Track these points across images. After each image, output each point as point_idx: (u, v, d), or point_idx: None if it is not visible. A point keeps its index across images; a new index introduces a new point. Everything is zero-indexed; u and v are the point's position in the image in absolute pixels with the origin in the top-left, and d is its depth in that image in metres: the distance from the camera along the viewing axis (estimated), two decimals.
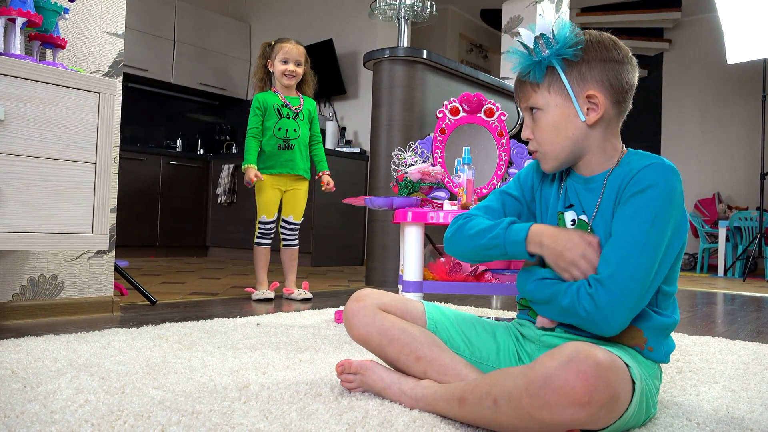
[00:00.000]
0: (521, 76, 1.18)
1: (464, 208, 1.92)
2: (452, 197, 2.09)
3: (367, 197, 1.99)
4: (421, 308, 1.25)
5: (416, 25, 4.23)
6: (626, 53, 1.16)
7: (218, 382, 1.30)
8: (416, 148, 2.13)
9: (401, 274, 1.93)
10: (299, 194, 3.04)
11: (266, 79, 3.02)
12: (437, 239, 3.03)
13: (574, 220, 1.18)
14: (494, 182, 2.14)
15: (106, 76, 2.30)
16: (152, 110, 6.65)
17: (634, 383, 0.97)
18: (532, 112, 1.18)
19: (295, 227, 3.06)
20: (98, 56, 2.29)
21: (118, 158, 2.33)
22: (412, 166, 2.07)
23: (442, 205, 2.02)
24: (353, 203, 2.16)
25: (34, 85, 1.70)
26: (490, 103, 2.15)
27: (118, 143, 2.33)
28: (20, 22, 1.77)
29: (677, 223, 1.09)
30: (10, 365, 1.39)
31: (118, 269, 2.57)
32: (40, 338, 1.70)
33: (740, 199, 7.24)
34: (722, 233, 6.11)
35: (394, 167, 2.12)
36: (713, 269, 6.59)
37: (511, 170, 2.12)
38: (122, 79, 2.37)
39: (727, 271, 6.03)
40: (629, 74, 1.16)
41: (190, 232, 6.17)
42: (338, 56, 6.06)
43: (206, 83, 6.63)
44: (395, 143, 3.77)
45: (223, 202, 6.02)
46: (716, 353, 1.85)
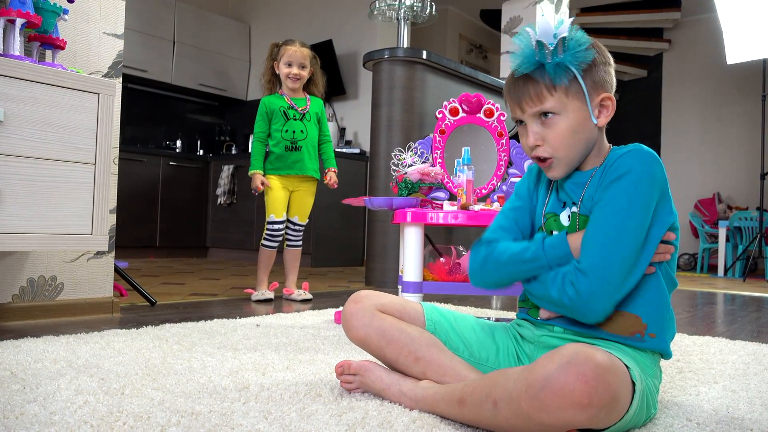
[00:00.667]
0: (538, 77, 1.11)
1: (464, 208, 1.92)
2: (452, 197, 2.09)
3: (366, 198, 1.99)
4: (419, 309, 1.25)
5: (416, 25, 4.23)
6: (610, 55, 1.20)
7: (218, 383, 1.30)
8: (416, 148, 2.13)
9: (401, 274, 1.93)
10: (306, 195, 3.05)
11: (274, 80, 3.02)
12: (437, 239, 3.03)
13: (569, 215, 1.18)
14: (494, 182, 2.14)
15: (105, 76, 2.30)
16: (152, 111, 6.65)
17: (634, 384, 0.97)
18: (542, 117, 1.12)
19: (299, 228, 3.07)
20: (97, 57, 2.29)
21: (117, 159, 2.33)
22: (411, 166, 2.07)
23: (441, 205, 2.02)
24: (353, 204, 2.16)
25: (33, 86, 1.69)
26: (489, 103, 2.15)
27: (117, 144, 2.33)
28: (19, 23, 1.77)
29: (660, 206, 1.10)
30: (9, 366, 1.39)
31: (117, 270, 2.57)
32: (39, 339, 1.70)
33: (740, 199, 7.24)
34: (722, 233, 6.11)
35: (393, 168, 2.12)
36: (713, 269, 6.59)
37: (510, 170, 2.12)
38: (121, 79, 2.37)
39: (727, 271, 6.03)
40: (614, 76, 1.19)
41: (189, 232, 6.17)
42: (338, 57, 6.06)
43: (206, 84, 6.63)
44: (395, 144, 3.77)
45: (222, 202, 6.02)
46: (716, 353, 1.85)
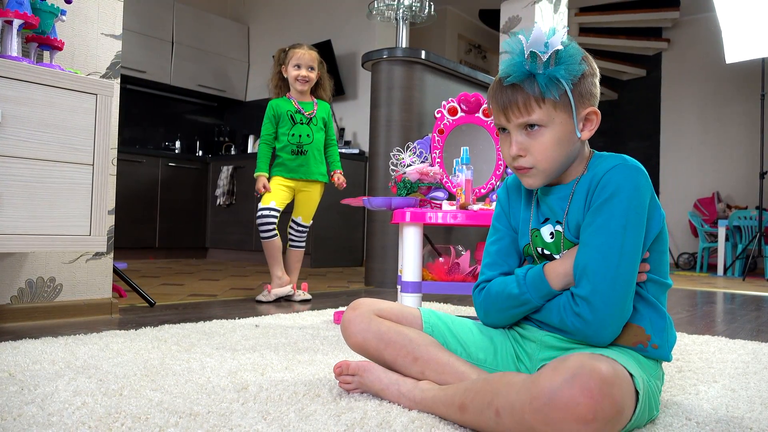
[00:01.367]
0: (527, 88, 1.08)
1: (463, 208, 1.91)
2: (451, 197, 2.09)
3: (365, 198, 1.99)
4: (417, 313, 1.26)
5: (415, 25, 4.23)
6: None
7: (216, 383, 1.30)
8: (414, 148, 2.13)
9: (400, 274, 1.93)
10: (312, 196, 3.05)
11: (282, 85, 3.03)
12: (436, 239, 3.03)
13: (552, 233, 1.17)
14: (493, 182, 2.13)
15: (103, 77, 2.30)
16: (151, 112, 6.65)
17: (638, 393, 0.97)
18: (527, 128, 1.10)
19: (303, 229, 3.07)
20: (95, 58, 2.29)
21: (116, 160, 2.33)
22: (410, 166, 2.06)
23: (440, 205, 2.02)
24: (352, 204, 2.15)
25: (30, 87, 1.69)
26: (488, 102, 2.15)
27: (116, 145, 2.33)
28: (17, 23, 1.77)
29: (650, 217, 1.10)
30: (7, 368, 1.39)
31: (116, 271, 2.56)
32: (38, 341, 1.70)
33: (739, 198, 7.24)
34: (722, 232, 6.11)
35: (392, 168, 2.11)
36: (713, 268, 6.59)
37: (509, 170, 2.11)
38: (119, 80, 2.36)
39: (726, 270, 6.03)
40: (599, 87, 1.17)
41: (189, 233, 6.17)
42: (337, 57, 6.06)
43: (205, 85, 6.63)
44: (394, 144, 3.77)
45: (222, 203, 6.02)
46: (716, 352, 1.85)
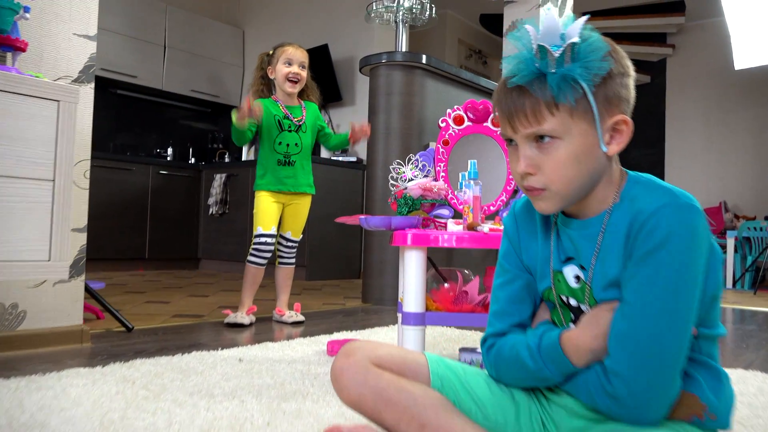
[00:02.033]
0: (536, 91, 0.88)
1: (471, 228, 1.71)
2: (456, 215, 1.89)
3: (362, 216, 1.78)
4: (423, 361, 1.04)
5: (414, 29, 4.04)
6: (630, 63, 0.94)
7: None
8: (416, 161, 1.93)
9: (400, 302, 1.72)
10: (300, 209, 2.84)
11: (265, 89, 2.81)
12: (438, 261, 2.82)
13: (577, 276, 0.95)
14: (503, 198, 1.93)
15: (75, 82, 2.09)
16: (142, 118, 6.44)
17: None
18: (537, 140, 0.90)
19: (293, 245, 2.85)
20: (67, 60, 2.08)
21: (89, 172, 2.13)
22: (412, 181, 1.86)
23: (445, 224, 1.82)
24: (347, 222, 1.95)
25: None
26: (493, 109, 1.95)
27: (88, 156, 2.12)
28: None
29: (708, 270, 0.88)
30: None
31: (91, 292, 2.36)
32: None
33: (747, 208, 7.04)
34: (730, 244, 5.91)
35: (392, 182, 1.91)
36: None
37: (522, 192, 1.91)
38: (93, 85, 2.16)
39: (735, 282, 5.83)
40: (634, 90, 0.93)
41: (181, 243, 5.95)
42: (334, 62, 5.86)
43: (198, 90, 6.43)
44: (393, 153, 3.57)
45: (215, 212, 5.80)
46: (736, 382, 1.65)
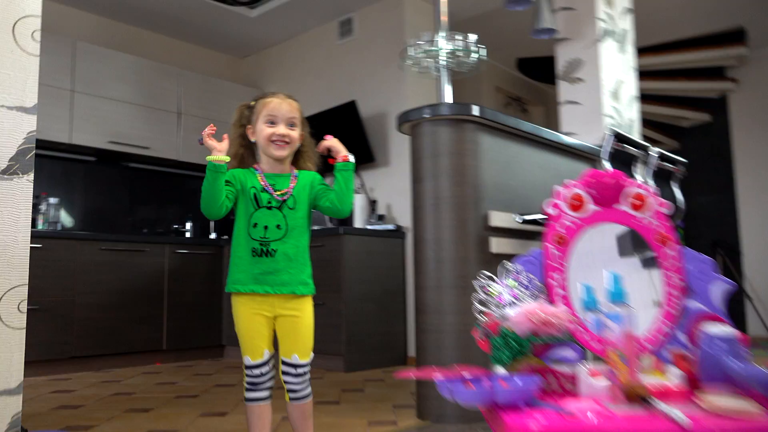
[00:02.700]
0: None
1: (629, 395, 0.99)
2: (590, 356, 1.18)
3: (440, 378, 1.08)
4: None
5: (456, 76, 3.41)
6: None
7: None
8: (517, 272, 1.23)
9: None
10: (300, 321, 2.01)
11: (246, 154, 2.09)
12: None
13: None
14: (661, 327, 1.22)
15: (6, 173, 1.46)
16: (157, 192, 5.91)
17: None
18: None
19: (303, 370, 2.01)
20: None
21: (25, 303, 1.48)
22: (514, 305, 1.16)
23: (572, 377, 1.11)
24: (409, 377, 1.24)
25: None
26: (636, 185, 1.25)
27: (26, 279, 1.48)
28: None
29: None
30: None
31: None
32: None
33: None
34: None
35: (478, 306, 1.22)
36: None
37: (691, 304, 1.20)
38: (32, 176, 1.53)
39: None
40: None
41: (202, 331, 5.29)
42: (363, 119, 5.27)
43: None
44: (445, 226, 2.89)
45: None
46: None
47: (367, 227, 4.90)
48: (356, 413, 3.01)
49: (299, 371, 2.00)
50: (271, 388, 2.03)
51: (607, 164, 2.80)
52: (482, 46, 3.24)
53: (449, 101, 3.24)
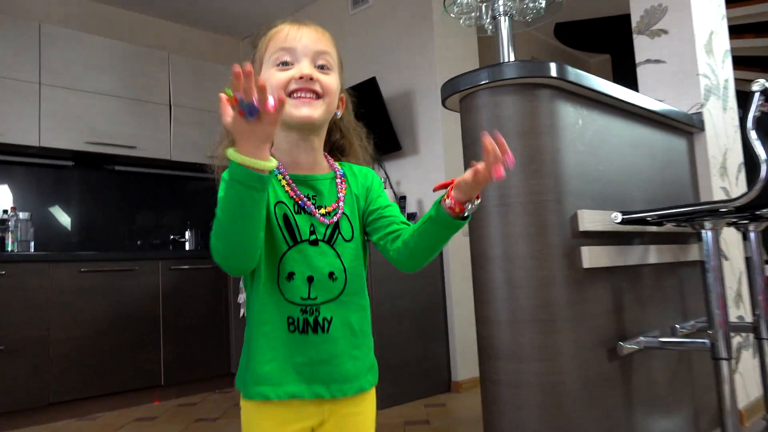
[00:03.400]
0: None
1: None
2: None
3: None
4: None
5: (518, 28, 2.55)
6: None
7: None
8: None
9: None
10: (362, 423, 1.20)
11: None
12: None
13: None
14: None
15: None
16: (147, 199, 5.11)
17: None
18: None
19: None
20: None
21: None
22: None
23: None
24: None
25: None
26: None
27: None
28: None
29: None
30: None
31: None
32: None
33: None
34: None
35: None
36: None
37: None
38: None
39: None
40: None
41: (207, 359, 4.50)
42: (386, 100, 4.42)
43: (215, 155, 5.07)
44: (518, 235, 2.04)
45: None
46: None
47: None
48: None
49: None
50: None
51: (752, 133, 1.93)
52: None
53: (511, 60, 2.38)
